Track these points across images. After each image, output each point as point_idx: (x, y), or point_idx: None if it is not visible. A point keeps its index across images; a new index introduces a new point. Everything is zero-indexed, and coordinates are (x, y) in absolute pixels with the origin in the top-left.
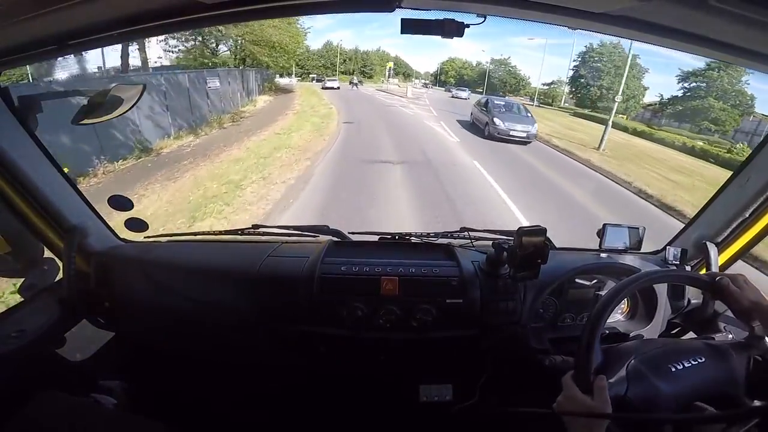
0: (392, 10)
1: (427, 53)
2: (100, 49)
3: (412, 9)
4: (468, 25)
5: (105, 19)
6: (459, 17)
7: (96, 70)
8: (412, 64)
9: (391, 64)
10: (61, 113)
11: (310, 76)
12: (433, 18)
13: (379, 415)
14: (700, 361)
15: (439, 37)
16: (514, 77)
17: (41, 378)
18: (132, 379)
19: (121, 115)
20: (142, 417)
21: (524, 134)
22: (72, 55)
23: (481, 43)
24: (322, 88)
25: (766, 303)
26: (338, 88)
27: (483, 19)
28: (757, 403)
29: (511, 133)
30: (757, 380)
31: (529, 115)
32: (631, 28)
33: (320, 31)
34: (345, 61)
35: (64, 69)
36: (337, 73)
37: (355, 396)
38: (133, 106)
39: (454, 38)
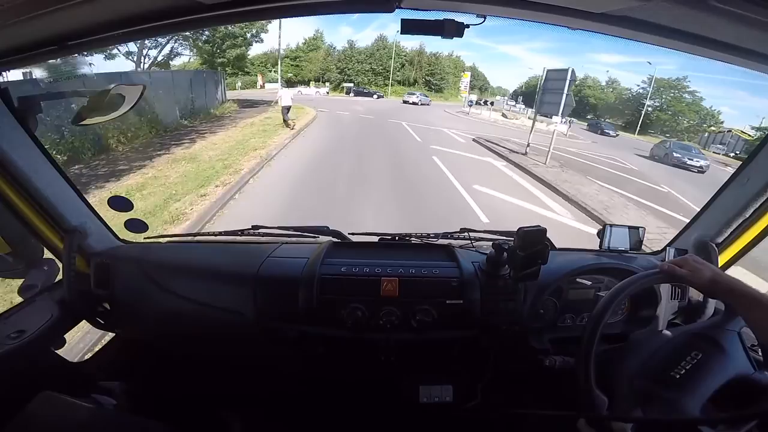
0: (392, 11)
1: (503, 66)
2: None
3: (411, 9)
4: (468, 26)
5: (105, 19)
6: (459, 17)
7: None
8: (490, 78)
9: (467, 75)
10: None
11: (343, 85)
12: (433, 18)
13: (379, 416)
14: (697, 357)
15: (511, 51)
16: (693, 109)
17: (41, 378)
18: (132, 380)
19: (121, 115)
20: (142, 417)
21: None
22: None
23: (560, 58)
24: (403, 102)
25: (723, 279)
26: (419, 104)
27: (483, 19)
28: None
29: None
30: (756, 352)
31: None
32: (631, 28)
33: (380, 38)
34: (403, 65)
35: None
36: (391, 81)
37: (355, 397)
38: (133, 107)
39: (537, 53)
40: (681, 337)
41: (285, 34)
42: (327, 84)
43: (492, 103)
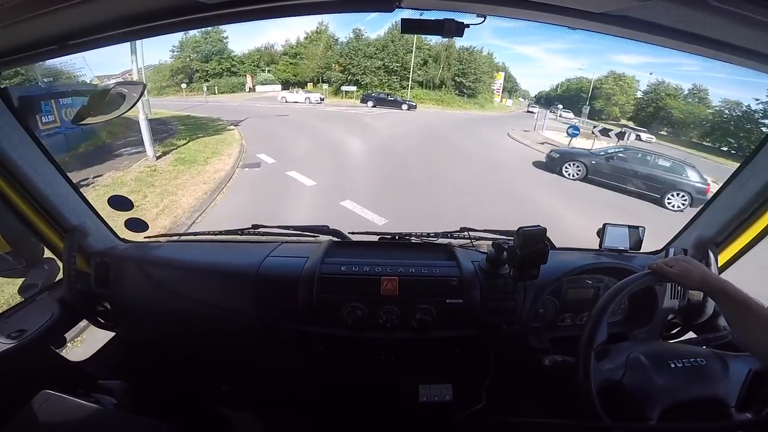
0: (392, 10)
1: (521, 67)
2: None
3: (411, 9)
4: (468, 25)
5: (105, 19)
6: (459, 17)
7: None
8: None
9: (501, 76)
10: None
11: (343, 89)
12: (433, 18)
13: (379, 415)
14: (700, 363)
15: (529, 51)
16: None
17: (41, 378)
18: (132, 379)
19: (121, 114)
20: (142, 417)
21: None
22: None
23: (579, 58)
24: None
25: (713, 279)
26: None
27: (483, 19)
28: (748, 415)
29: None
30: (751, 393)
31: None
32: (631, 28)
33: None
34: (426, 62)
35: None
36: (410, 83)
37: (355, 396)
38: (133, 106)
39: (554, 54)
40: (702, 349)
41: (287, 28)
42: (325, 87)
43: (639, 137)
